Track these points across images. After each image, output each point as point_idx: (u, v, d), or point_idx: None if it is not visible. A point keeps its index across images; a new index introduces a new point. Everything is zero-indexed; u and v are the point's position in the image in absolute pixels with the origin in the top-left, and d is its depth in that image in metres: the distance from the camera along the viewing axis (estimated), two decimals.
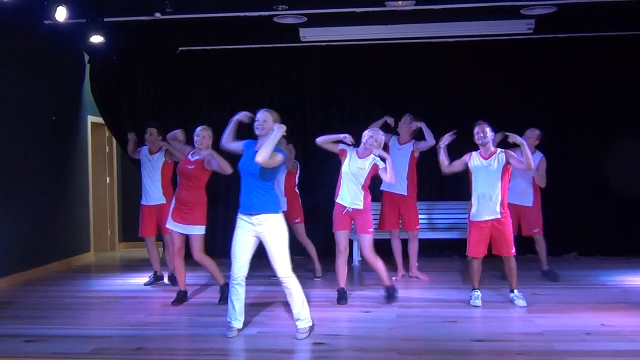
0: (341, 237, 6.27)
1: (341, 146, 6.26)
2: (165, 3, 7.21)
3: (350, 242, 7.44)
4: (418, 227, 7.54)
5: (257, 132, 5.07)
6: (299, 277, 5.23)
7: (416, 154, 7.41)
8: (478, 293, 6.19)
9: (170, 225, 6.38)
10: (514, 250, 6.11)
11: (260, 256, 5.23)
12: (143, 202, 7.43)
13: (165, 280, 7.60)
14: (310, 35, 8.66)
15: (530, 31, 8.38)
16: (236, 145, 5.29)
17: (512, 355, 4.66)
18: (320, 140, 6.29)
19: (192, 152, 6.41)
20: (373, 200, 6.51)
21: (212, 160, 6.15)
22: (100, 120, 9.77)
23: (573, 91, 8.94)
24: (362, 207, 6.22)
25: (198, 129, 6.32)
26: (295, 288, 5.11)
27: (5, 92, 7.70)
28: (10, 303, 6.65)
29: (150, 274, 7.66)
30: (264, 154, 4.85)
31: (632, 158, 8.57)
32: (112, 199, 10.64)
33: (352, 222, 6.35)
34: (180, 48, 9.54)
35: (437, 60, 9.14)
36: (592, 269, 7.51)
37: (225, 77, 9.50)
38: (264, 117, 5.05)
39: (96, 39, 8.13)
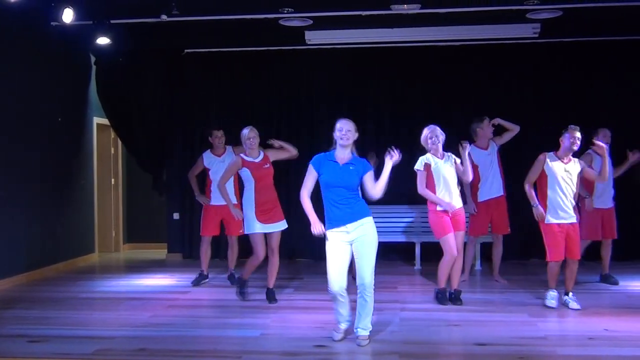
0: (452, 240, 6.25)
1: (425, 164, 6.20)
2: (171, 5, 7.24)
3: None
4: (509, 230, 7.48)
5: (342, 142, 4.98)
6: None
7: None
8: (554, 293, 6.20)
9: (259, 229, 6.34)
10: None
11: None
12: (212, 203, 7.51)
13: (226, 279, 7.65)
14: (316, 38, 8.68)
15: (536, 35, 8.39)
16: (312, 181, 5.06)
17: None
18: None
19: (246, 155, 6.43)
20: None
21: (279, 152, 6.51)
22: (105, 121, 9.80)
23: (578, 95, 8.93)
24: (461, 206, 6.34)
25: (247, 131, 6.43)
26: (373, 298, 5.01)
27: (12, 93, 7.73)
28: (14, 303, 6.68)
29: (197, 272, 7.65)
30: (381, 188, 4.97)
31: (637, 162, 8.54)
32: (116, 200, 10.67)
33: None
34: (186, 50, 9.57)
35: (443, 63, 9.15)
36: (595, 273, 7.47)
37: (232, 79, 9.52)
38: (348, 127, 5.00)
39: (102, 40, 8.18)
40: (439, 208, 6.22)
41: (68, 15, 7.42)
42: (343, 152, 5.02)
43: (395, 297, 6.77)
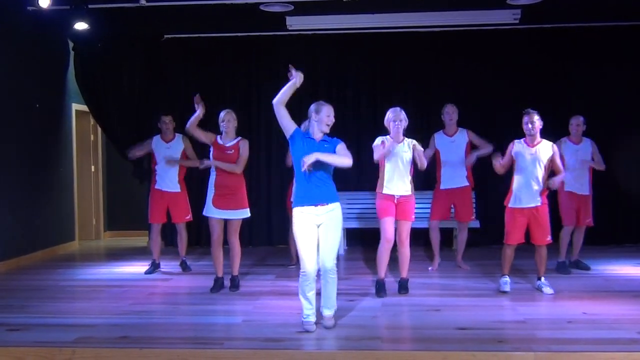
0: (389, 225, 6.15)
1: (378, 140, 6.16)
2: None
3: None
4: (473, 217, 7.55)
5: (326, 129, 5.08)
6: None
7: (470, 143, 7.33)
8: (507, 279, 6.28)
9: (213, 213, 6.35)
10: (549, 238, 6.19)
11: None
12: (157, 187, 7.44)
13: (165, 266, 7.69)
14: (297, 23, 8.64)
15: (516, 21, 8.41)
16: (288, 118, 5.19)
17: (495, 343, 4.70)
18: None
19: (220, 137, 6.40)
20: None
21: (243, 149, 6.34)
22: (85, 108, 9.69)
23: (558, 81, 8.99)
24: (410, 194, 6.20)
25: (222, 113, 6.38)
26: (336, 279, 5.11)
27: None
28: None
29: (149, 262, 7.63)
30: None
31: (615, 148, 8.63)
32: (97, 187, 10.58)
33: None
34: (165, 36, 9.47)
35: (424, 49, 9.15)
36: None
37: (212, 65, 9.44)
38: (333, 115, 5.11)
39: (80, 25, 8.07)
40: (385, 191, 6.18)
41: (45, 0, 7.30)
42: (319, 132, 5.10)
43: None
